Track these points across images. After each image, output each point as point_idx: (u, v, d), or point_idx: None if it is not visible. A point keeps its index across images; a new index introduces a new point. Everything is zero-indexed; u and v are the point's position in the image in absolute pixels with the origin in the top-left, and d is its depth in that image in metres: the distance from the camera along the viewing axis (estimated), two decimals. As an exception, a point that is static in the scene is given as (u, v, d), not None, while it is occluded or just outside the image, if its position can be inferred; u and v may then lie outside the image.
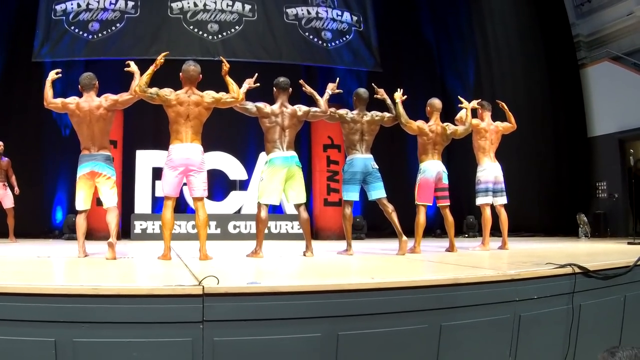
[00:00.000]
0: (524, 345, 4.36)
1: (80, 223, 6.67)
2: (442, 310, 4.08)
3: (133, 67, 6.53)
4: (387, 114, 7.70)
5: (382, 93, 7.77)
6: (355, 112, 7.53)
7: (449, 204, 7.91)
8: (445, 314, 4.09)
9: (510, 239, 8.45)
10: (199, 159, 6.36)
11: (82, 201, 6.67)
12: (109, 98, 6.63)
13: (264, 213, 6.84)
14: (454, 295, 4.14)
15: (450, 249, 7.82)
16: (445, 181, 7.84)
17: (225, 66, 6.54)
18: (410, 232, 7.48)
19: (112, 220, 6.58)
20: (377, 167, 7.51)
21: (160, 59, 6.44)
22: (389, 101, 7.76)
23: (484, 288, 4.26)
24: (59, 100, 6.64)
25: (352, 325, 3.80)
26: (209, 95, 6.42)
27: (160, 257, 6.21)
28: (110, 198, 6.68)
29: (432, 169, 7.78)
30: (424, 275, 4.51)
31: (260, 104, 6.92)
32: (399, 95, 7.71)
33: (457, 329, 4.11)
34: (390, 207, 7.44)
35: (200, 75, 6.48)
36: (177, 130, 6.31)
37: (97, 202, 6.98)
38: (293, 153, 6.97)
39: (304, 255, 6.98)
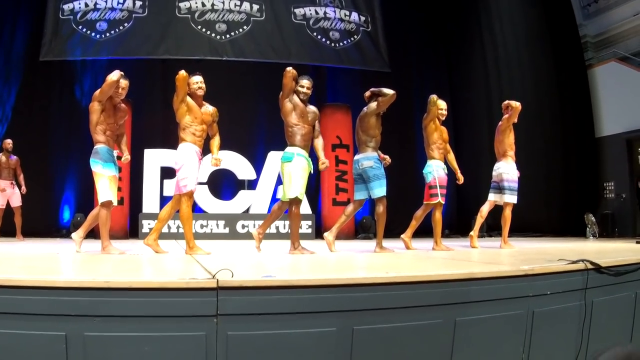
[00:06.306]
0: (537, 341, 4.32)
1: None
2: (456, 305, 4.03)
3: None
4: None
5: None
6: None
7: (433, 201, 7.80)
8: (460, 309, 4.04)
9: (519, 239, 8.52)
10: (175, 159, 6.56)
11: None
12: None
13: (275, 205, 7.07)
14: (468, 290, 4.10)
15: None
16: (426, 180, 7.88)
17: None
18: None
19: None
20: (372, 166, 7.19)
21: None
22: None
23: (498, 283, 4.22)
24: None
25: (367, 320, 3.75)
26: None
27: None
28: (99, 194, 6.49)
29: None
30: (438, 270, 4.46)
31: None
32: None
33: (472, 324, 4.07)
34: (379, 211, 7.24)
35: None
36: None
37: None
38: (286, 150, 6.90)
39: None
